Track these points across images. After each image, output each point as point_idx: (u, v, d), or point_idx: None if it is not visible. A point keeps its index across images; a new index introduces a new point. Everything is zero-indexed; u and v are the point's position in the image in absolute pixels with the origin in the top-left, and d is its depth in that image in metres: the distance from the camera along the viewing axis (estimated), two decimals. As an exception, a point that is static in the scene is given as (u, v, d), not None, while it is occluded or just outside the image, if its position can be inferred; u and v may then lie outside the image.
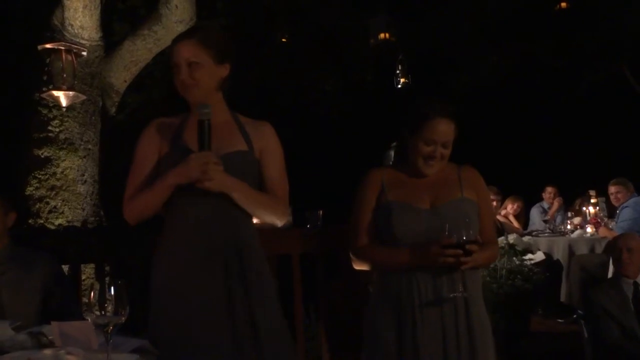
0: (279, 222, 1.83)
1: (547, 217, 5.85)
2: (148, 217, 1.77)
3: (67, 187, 3.33)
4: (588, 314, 2.90)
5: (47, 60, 3.12)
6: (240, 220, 1.74)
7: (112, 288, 1.21)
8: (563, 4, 6.49)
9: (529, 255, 4.21)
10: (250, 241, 1.76)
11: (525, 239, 5.10)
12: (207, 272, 1.69)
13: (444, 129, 1.82)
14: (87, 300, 1.23)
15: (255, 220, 1.83)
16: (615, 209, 5.08)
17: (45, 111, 3.35)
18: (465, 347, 1.79)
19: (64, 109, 3.22)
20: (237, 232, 1.73)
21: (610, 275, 3.94)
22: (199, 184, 1.64)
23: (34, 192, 3.30)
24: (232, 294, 1.68)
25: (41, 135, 3.34)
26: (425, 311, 1.78)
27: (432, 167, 1.86)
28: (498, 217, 5.53)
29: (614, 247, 3.02)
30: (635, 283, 2.87)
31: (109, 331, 1.20)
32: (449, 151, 1.86)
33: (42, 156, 3.32)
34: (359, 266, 1.94)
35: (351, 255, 1.94)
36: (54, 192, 3.30)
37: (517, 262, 3.94)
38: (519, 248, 4.12)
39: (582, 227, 5.13)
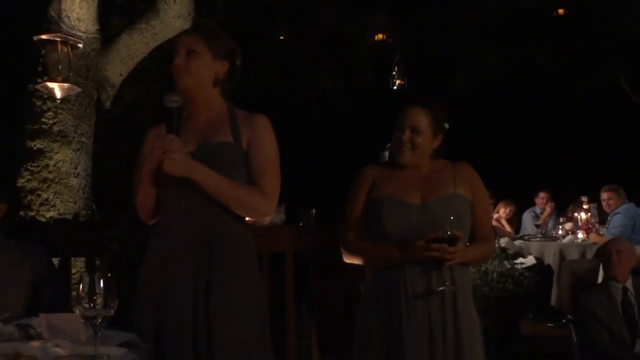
0: (261, 218, 1.78)
1: (539, 222, 5.88)
2: (149, 210, 1.77)
3: (59, 180, 3.31)
4: (577, 318, 2.92)
5: (43, 52, 3.10)
6: (217, 214, 1.68)
7: (102, 281, 1.20)
8: (560, 11, 6.53)
9: (520, 259, 4.23)
10: (228, 237, 1.70)
11: (517, 243, 5.14)
12: (178, 266, 1.67)
13: (412, 115, 1.87)
14: (76, 293, 1.22)
15: (247, 218, 1.82)
16: (607, 215, 5.11)
17: (39, 103, 3.33)
18: (451, 342, 1.79)
19: (59, 101, 3.20)
20: (212, 227, 1.68)
21: (600, 280, 3.96)
22: (162, 167, 1.63)
23: (25, 184, 3.27)
24: (196, 293, 1.65)
25: (35, 127, 3.32)
26: (412, 304, 1.79)
27: (404, 153, 1.87)
28: (491, 220, 5.55)
29: (604, 251, 3.05)
30: (624, 288, 2.89)
31: (98, 324, 1.19)
32: (423, 140, 1.86)
33: (35, 148, 3.30)
34: (350, 260, 1.95)
35: (342, 249, 1.95)
36: (46, 185, 3.28)
37: (509, 266, 3.96)
38: (510, 252, 4.14)
39: (573, 232, 5.16)
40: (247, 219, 1.81)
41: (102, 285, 1.20)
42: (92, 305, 1.20)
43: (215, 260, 1.67)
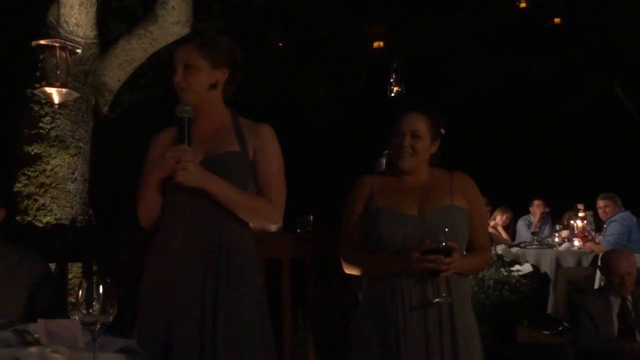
0: (270, 226, 1.78)
1: (535, 230, 5.89)
2: (151, 217, 1.77)
3: (56, 185, 3.30)
4: (571, 316, 2.92)
5: (41, 57, 3.10)
6: (224, 220, 1.70)
7: (101, 287, 1.20)
8: (557, 20, 6.60)
9: (517, 267, 4.25)
10: (234, 243, 1.71)
11: (514, 250, 5.14)
12: (185, 272, 1.68)
13: (411, 120, 1.87)
14: (74, 299, 1.22)
15: (251, 225, 1.82)
16: (603, 223, 5.14)
17: (37, 108, 3.33)
18: (448, 354, 1.78)
19: (56, 106, 3.20)
20: (219, 233, 1.69)
21: (596, 287, 3.97)
22: (175, 177, 1.63)
23: (22, 188, 3.27)
24: (205, 296, 1.66)
25: (32, 132, 3.32)
26: (408, 316, 1.78)
27: (405, 159, 1.86)
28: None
29: (613, 274, 2.90)
30: (623, 297, 2.88)
31: (96, 330, 1.19)
32: (423, 145, 1.86)
33: (32, 153, 3.29)
34: (349, 271, 1.95)
35: (341, 260, 1.95)
36: (43, 190, 3.27)
37: (505, 273, 3.97)
38: (506, 259, 4.16)
39: (569, 240, 5.17)
40: (250, 225, 1.81)
41: (100, 291, 1.20)
42: (90, 311, 1.19)
43: (223, 267, 1.68)
